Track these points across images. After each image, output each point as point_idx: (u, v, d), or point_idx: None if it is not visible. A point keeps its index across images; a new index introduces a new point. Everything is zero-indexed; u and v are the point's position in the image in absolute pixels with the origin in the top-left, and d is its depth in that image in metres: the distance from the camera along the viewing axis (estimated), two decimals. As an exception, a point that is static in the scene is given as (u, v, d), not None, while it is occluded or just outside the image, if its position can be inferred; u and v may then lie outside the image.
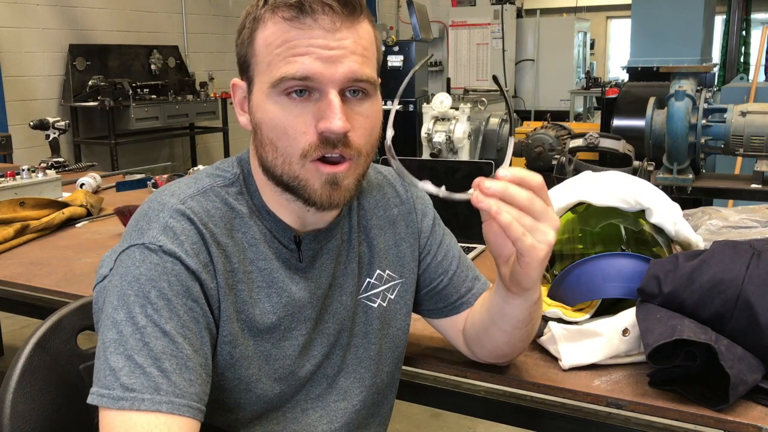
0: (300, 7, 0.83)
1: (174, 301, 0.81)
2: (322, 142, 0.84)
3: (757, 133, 3.12)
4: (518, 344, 1.04)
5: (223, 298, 0.87)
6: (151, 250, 0.83)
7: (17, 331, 3.55)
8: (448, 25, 8.62)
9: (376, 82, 0.88)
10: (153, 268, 0.82)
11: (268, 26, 0.85)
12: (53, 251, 1.88)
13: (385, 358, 1.04)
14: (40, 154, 4.55)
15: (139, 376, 0.76)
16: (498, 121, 5.50)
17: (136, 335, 0.79)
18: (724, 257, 1.09)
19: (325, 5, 0.83)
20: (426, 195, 1.12)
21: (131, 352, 0.78)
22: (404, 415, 2.73)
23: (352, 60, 0.84)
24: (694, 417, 1.00)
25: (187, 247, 0.84)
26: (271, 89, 0.85)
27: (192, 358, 0.80)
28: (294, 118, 0.84)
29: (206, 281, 0.85)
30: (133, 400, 0.76)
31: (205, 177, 0.93)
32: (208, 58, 7.04)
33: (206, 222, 0.87)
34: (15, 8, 5.29)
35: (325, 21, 0.83)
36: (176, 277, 0.82)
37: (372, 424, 1.06)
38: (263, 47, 0.86)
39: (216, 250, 0.87)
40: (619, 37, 12.29)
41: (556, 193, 1.35)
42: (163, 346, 0.78)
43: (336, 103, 0.83)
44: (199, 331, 0.83)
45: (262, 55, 0.86)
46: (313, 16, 0.83)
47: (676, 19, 5.33)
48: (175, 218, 0.85)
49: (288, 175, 0.87)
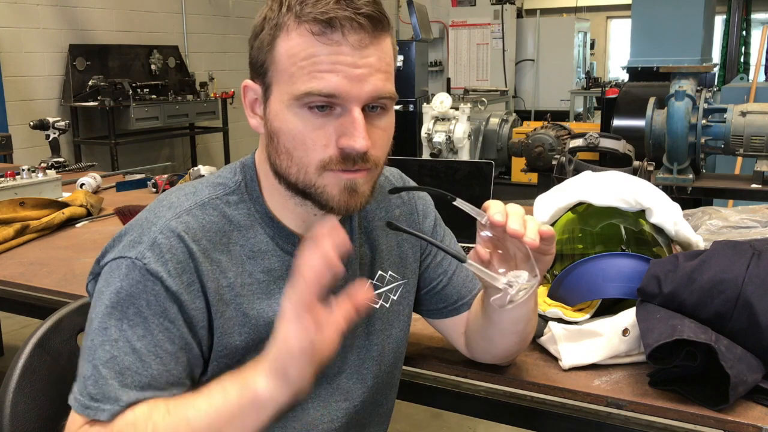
0: (329, 22, 0.81)
1: (150, 320, 0.83)
2: (343, 157, 0.84)
3: (757, 133, 3.11)
4: (520, 342, 1.04)
5: (216, 315, 0.88)
6: (136, 266, 0.84)
7: (17, 331, 3.55)
8: (448, 25, 8.62)
9: (396, 97, 0.88)
10: (134, 284, 0.83)
11: (292, 36, 0.83)
12: (53, 251, 1.88)
13: (387, 358, 1.04)
14: (40, 154, 4.55)
15: (102, 386, 0.80)
16: (498, 121, 5.51)
17: (106, 347, 0.81)
18: (724, 257, 1.09)
19: (355, 22, 0.81)
20: (427, 196, 1.13)
21: (98, 363, 0.81)
22: (404, 415, 2.73)
23: (377, 78, 0.84)
24: (694, 417, 1.00)
25: (170, 266, 0.84)
26: (292, 101, 0.84)
27: (157, 378, 0.82)
28: (314, 130, 0.84)
29: (187, 302, 0.85)
30: (96, 409, 0.79)
31: (205, 187, 0.93)
32: (208, 58, 7.04)
33: (199, 238, 0.88)
34: (15, 8, 5.29)
35: (354, 38, 0.82)
36: (155, 297, 0.83)
37: (372, 423, 1.06)
38: (285, 57, 0.84)
39: (208, 267, 0.87)
40: (619, 37, 12.29)
41: (557, 192, 1.36)
42: (129, 363, 0.81)
43: (360, 121, 0.83)
44: (174, 351, 0.84)
45: (283, 64, 0.84)
46: (342, 32, 0.81)
47: (676, 19, 5.33)
48: (165, 234, 0.86)
49: (304, 183, 0.87)
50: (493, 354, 1.08)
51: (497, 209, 0.85)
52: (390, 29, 0.87)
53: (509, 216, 0.84)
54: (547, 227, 0.85)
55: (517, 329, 0.99)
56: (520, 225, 0.83)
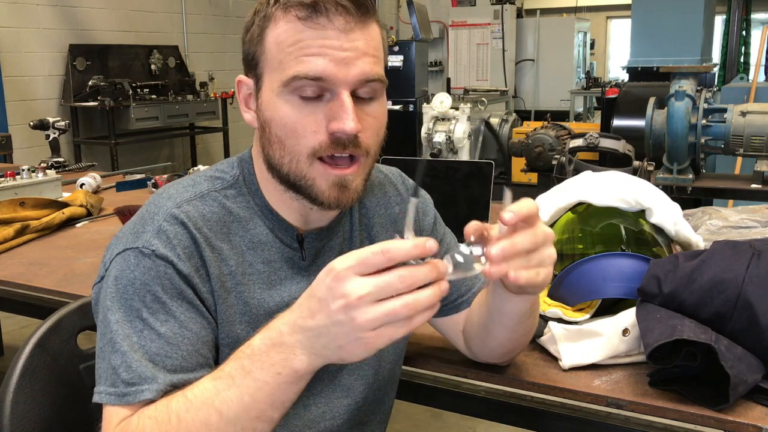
0: (314, 7, 0.82)
1: (169, 304, 0.82)
2: (332, 142, 0.84)
3: (757, 133, 3.11)
4: (520, 339, 1.03)
5: (219, 301, 0.88)
6: (145, 254, 0.84)
7: (17, 331, 3.55)
8: (448, 25, 8.62)
9: (386, 81, 0.88)
10: (147, 272, 0.83)
11: (279, 24, 0.85)
12: (53, 251, 1.88)
13: (387, 355, 1.05)
14: (40, 154, 4.55)
15: (136, 368, 0.78)
16: (498, 121, 5.51)
17: (133, 338, 0.80)
18: (724, 257, 1.09)
19: (340, 5, 0.82)
20: (427, 194, 1.13)
21: (126, 350, 0.79)
22: (404, 415, 2.73)
23: (365, 61, 0.84)
24: (694, 417, 1.00)
25: (179, 251, 0.85)
26: (282, 88, 0.85)
27: (188, 359, 0.81)
28: (304, 117, 0.85)
29: (198, 285, 0.85)
30: (135, 393, 0.78)
31: (203, 180, 0.94)
32: (208, 58, 7.04)
33: (201, 226, 0.88)
34: (15, 8, 5.29)
35: (339, 21, 0.83)
36: (169, 281, 0.83)
37: (373, 421, 1.06)
38: (274, 45, 0.85)
39: (210, 254, 0.87)
40: (619, 37, 12.29)
41: (557, 192, 1.35)
42: (157, 348, 0.80)
43: (348, 104, 0.83)
44: (198, 331, 0.84)
45: (272, 53, 0.85)
46: (327, 16, 0.82)
47: (676, 19, 5.32)
48: (169, 222, 0.86)
49: (295, 174, 0.87)
50: (492, 350, 1.07)
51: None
52: (376, 16, 0.87)
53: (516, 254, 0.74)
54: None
55: (519, 325, 0.98)
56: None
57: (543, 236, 0.76)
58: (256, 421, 0.73)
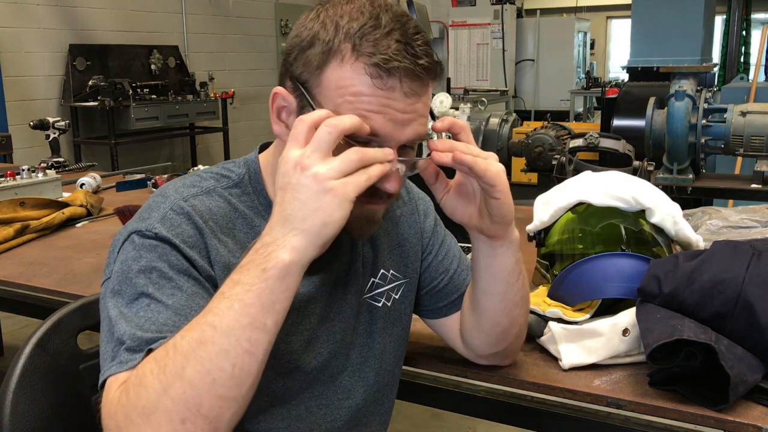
0: (388, 72, 0.80)
1: (176, 278, 0.82)
2: (371, 192, 0.81)
3: (757, 133, 3.11)
4: (513, 312, 1.01)
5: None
6: (147, 236, 0.84)
7: (17, 331, 3.55)
8: (448, 25, 8.62)
9: None
10: (152, 250, 0.83)
11: (345, 68, 0.81)
12: (53, 251, 1.88)
13: (388, 357, 1.05)
14: (40, 154, 4.55)
15: (140, 337, 0.77)
16: (498, 121, 5.50)
17: (141, 313, 0.79)
18: (724, 257, 1.09)
19: (414, 73, 0.81)
20: (427, 197, 1.13)
21: (133, 322, 0.79)
22: (404, 415, 2.73)
23: (420, 122, 0.84)
24: (694, 417, 1.00)
25: (184, 237, 0.85)
26: None
27: None
28: None
29: (201, 268, 0.85)
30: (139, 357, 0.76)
31: (209, 177, 0.94)
32: (208, 58, 7.04)
33: (207, 219, 0.88)
34: (15, 8, 5.29)
35: (408, 87, 0.81)
36: (175, 257, 0.83)
37: (373, 422, 1.06)
38: (334, 86, 0.82)
39: (216, 243, 0.87)
40: (619, 37, 12.28)
41: (557, 192, 1.36)
42: (165, 319, 0.79)
43: (396, 167, 0.83)
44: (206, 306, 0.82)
45: (329, 91, 0.82)
46: (399, 80, 0.80)
47: (676, 19, 5.32)
48: (175, 211, 0.87)
49: None
50: (489, 334, 1.05)
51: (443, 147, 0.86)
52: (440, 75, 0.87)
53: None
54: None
55: (508, 289, 0.98)
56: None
57: (475, 146, 0.86)
58: (250, 329, 0.72)
